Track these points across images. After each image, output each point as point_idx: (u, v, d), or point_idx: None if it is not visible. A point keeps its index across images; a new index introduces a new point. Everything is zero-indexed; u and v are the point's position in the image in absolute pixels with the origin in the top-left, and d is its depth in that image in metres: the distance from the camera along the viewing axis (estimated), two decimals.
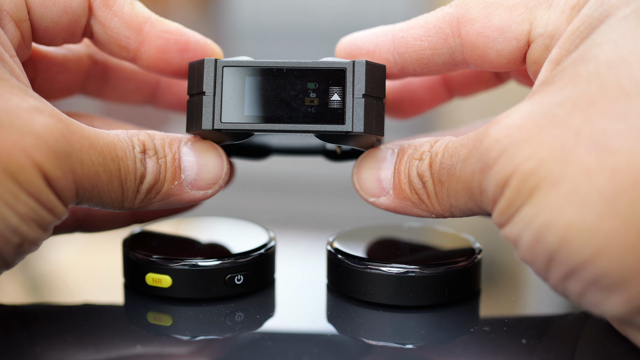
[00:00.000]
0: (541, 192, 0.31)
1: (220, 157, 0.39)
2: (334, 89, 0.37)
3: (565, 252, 0.30)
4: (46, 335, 0.37)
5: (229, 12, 1.82)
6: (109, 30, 0.40)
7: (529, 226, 0.31)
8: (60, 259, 0.49)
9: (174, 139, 0.38)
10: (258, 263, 0.41)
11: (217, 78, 0.37)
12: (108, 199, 0.36)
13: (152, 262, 0.40)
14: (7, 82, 0.34)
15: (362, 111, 0.37)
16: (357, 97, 0.37)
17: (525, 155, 0.31)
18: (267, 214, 0.61)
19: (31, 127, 0.32)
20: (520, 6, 0.37)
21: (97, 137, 0.35)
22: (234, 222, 0.48)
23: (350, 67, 0.37)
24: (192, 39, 0.41)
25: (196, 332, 0.38)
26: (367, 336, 0.38)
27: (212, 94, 0.37)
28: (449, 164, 0.36)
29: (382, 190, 0.39)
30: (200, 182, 0.38)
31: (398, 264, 0.39)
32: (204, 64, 0.37)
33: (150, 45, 0.40)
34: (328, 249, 0.42)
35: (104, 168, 0.35)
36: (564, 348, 0.36)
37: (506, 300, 0.46)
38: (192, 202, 0.39)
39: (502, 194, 0.32)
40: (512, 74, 0.46)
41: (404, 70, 0.41)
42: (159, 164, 0.37)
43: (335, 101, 0.37)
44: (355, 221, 0.50)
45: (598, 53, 0.32)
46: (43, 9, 0.38)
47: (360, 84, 0.37)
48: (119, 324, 0.39)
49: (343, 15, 1.72)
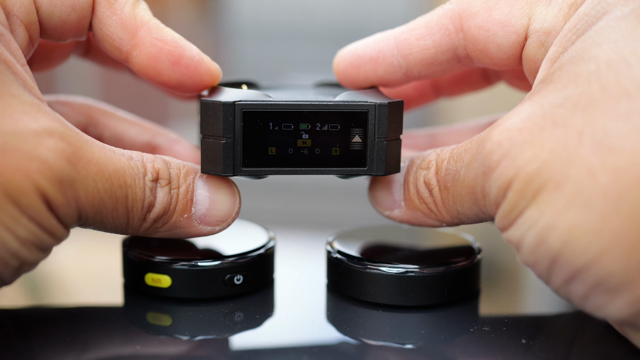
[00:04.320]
0: (545, 194, 0.31)
1: (234, 196, 0.38)
2: (356, 131, 0.37)
3: (568, 254, 0.30)
4: (45, 335, 0.37)
5: (229, 12, 1.82)
6: (104, 28, 0.39)
7: (531, 228, 0.31)
8: (59, 259, 0.49)
9: (190, 170, 0.37)
10: (257, 263, 0.41)
11: (237, 122, 0.36)
12: (112, 224, 0.35)
13: (151, 262, 0.40)
14: (19, 100, 0.33)
15: (383, 155, 0.37)
16: (379, 141, 0.37)
17: (528, 157, 0.31)
18: (267, 214, 0.61)
19: (37, 151, 0.32)
20: (520, 0, 0.37)
21: (107, 162, 0.34)
22: (233, 222, 0.48)
23: (373, 109, 0.36)
24: (187, 54, 0.39)
25: (195, 332, 0.38)
26: (367, 336, 0.38)
27: (232, 139, 0.36)
28: (453, 169, 0.36)
29: (394, 203, 0.39)
30: (210, 218, 0.38)
31: (398, 264, 0.39)
32: (221, 108, 0.36)
33: (142, 51, 0.39)
34: (328, 249, 0.42)
35: (110, 195, 0.34)
36: (564, 348, 0.36)
37: (506, 300, 0.46)
38: (199, 236, 0.38)
39: (505, 197, 0.32)
40: (503, 76, 0.46)
41: (409, 73, 0.41)
42: (170, 195, 0.36)
43: (357, 143, 0.37)
44: (355, 221, 0.51)
45: (598, 53, 0.32)
46: (52, 7, 0.37)
47: (383, 127, 0.37)
48: (119, 324, 0.39)
49: (343, 15, 1.72)
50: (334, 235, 0.44)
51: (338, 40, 0.43)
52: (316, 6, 1.73)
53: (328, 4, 1.73)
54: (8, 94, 0.33)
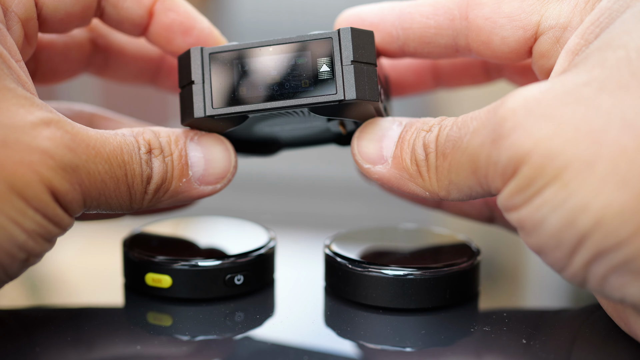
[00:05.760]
0: (572, 173, 0.30)
1: (228, 151, 0.39)
2: (322, 60, 0.37)
3: (599, 234, 0.29)
4: (46, 335, 0.37)
5: (229, 12, 1.82)
6: (122, 11, 0.40)
7: (557, 209, 0.30)
8: (60, 259, 0.49)
9: (180, 135, 0.38)
10: (258, 263, 0.41)
11: (205, 66, 0.37)
12: (116, 203, 0.36)
13: (152, 262, 0.40)
14: (13, 93, 0.33)
15: (352, 77, 0.36)
16: (346, 65, 0.36)
17: (548, 133, 0.30)
18: (267, 214, 0.61)
19: (37, 142, 0.32)
20: None
21: (104, 143, 0.35)
22: (234, 222, 0.48)
23: (336, 35, 0.37)
24: (198, 25, 0.41)
25: (196, 332, 0.38)
26: (367, 337, 0.38)
27: (202, 82, 0.37)
28: (456, 136, 0.35)
29: (380, 157, 0.38)
30: (209, 178, 0.38)
31: (398, 266, 0.39)
32: (190, 54, 0.37)
33: (156, 20, 0.41)
34: (326, 252, 0.42)
35: (110, 176, 0.35)
36: (564, 348, 0.36)
37: (506, 300, 0.46)
38: (202, 197, 0.39)
39: (518, 171, 0.31)
40: (504, 72, 0.45)
41: (404, 47, 0.40)
42: (165, 163, 0.37)
43: (325, 72, 0.37)
44: (355, 221, 0.51)
45: (627, 40, 0.31)
46: (56, 1, 0.38)
47: (348, 50, 0.36)
48: (119, 324, 0.39)
49: None
50: (330, 239, 0.43)
51: None
52: (316, 6, 1.73)
53: (328, 4, 1.73)
54: (3, 87, 0.33)
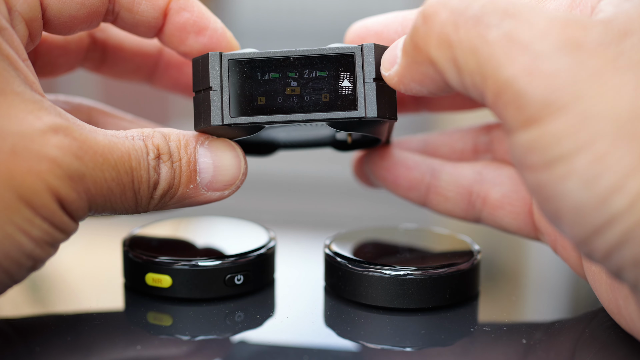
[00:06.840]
0: (609, 146, 0.27)
1: (238, 157, 0.38)
2: (344, 75, 0.36)
3: (631, 217, 0.27)
4: (45, 335, 0.37)
5: (229, 12, 1.82)
6: (137, 15, 0.40)
7: (588, 186, 0.27)
8: (60, 259, 0.49)
9: (190, 139, 0.37)
10: (258, 263, 0.41)
11: (223, 72, 0.36)
12: (121, 208, 0.35)
13: (152, 262, 0.40)
14: (21, 98, 0.33)
15: (374, 95, 0.36)
16: (368, 82, 0.36)
17: (595, 91, 0.28)
18: (267, 214, 0.61)
19: (45, 150, 0.32)
20: None
21: (112, 150, 0.34)
22: (234, 222, 0.48)
23: (359, 51, 0.36)
24: (212, 25, 0.41)
25: (196, 332, 0.38)
26: (367, 336, 0.38)
27: (220, 88, 0.36)
28: None
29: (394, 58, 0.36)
30: (217, 184, 0.38)
31: (398, 266, 0.39)
32: (208, 59, 0.37)
33: (170, 20, 0.40)
34: (326, 252, 0.42)
35: (117, 182, 0.34)
36: (564, 348, 0.36)
37: (506, 300, 0.46)
38: (209, 203, 0.38)
39: (546, 119, 0.28)
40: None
41: None
42: (173, 169, 0.36)
43: (346, 87, 0.36)
44: (355, 221, 0.51)
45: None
46: (61, 4, 0.37)
47: (370, 67, 0.36)
48: (119, 324, 0.39)
49: (343, 15, 1.72)
50: (330, 239, 0.43)
51: (338, 41, 0.42)
52: (316, 6, 1.73)
53: (328, 4, 1.73)
54: (11, 92, 0.33)
